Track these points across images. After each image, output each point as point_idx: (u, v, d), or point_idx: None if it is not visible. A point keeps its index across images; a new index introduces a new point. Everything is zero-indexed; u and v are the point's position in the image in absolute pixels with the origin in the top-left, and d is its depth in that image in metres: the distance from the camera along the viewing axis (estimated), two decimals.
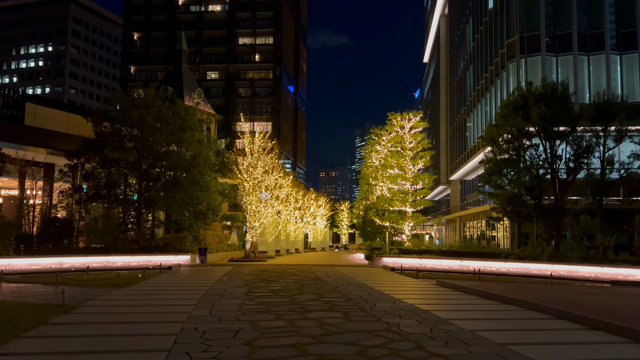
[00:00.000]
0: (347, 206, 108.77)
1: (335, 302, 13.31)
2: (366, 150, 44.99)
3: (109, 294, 14.86)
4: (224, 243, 41.63)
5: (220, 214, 34.71)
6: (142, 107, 28.24)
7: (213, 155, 32.82)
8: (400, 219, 33.11)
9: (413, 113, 35.94)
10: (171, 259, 28.53)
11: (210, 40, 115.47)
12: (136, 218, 30.52)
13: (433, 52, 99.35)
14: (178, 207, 30.18)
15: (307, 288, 16.63)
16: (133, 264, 26.85)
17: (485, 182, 31.95)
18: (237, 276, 21.24)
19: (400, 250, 30.93)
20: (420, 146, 34.82)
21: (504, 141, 30.40)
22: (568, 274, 25.24)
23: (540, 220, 28.45)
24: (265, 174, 35.38)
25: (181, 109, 29.69)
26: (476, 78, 55.53)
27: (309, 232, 70.33)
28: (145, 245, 29.60)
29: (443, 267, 28.31)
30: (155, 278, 20.24)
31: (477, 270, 23.71)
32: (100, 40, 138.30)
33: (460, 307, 13.23)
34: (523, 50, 41.06)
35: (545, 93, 27.99)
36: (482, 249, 33.07)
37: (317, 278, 20.64)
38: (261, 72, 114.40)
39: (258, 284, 17.70)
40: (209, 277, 21.17)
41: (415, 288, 17.71)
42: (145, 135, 28.58)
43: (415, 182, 33.97)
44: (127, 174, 30.17)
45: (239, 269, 25.58)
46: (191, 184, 29.63)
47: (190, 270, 24.70)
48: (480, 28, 52.88)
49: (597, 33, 40.39)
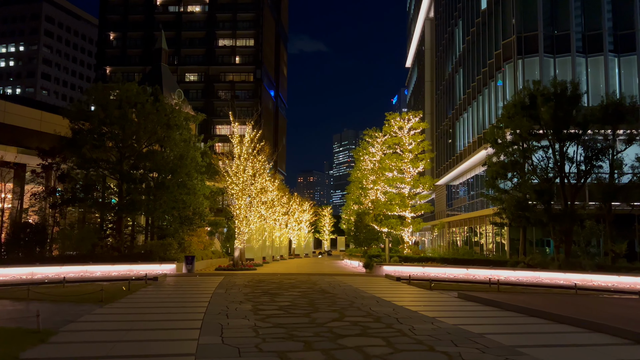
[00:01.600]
0: (329, 211, 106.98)
1: (363, 322, 11.34)
2: (359, 152, 43.18)
3: (91, 313, 12.62)
4: (208, 250, 39.31)
5: (207, 219, 32.38)
6: (124, 102, 25.88)
7: (199, 156, 30.56)
8: (399, 225, 31.30)
9: (413, 113, 34.23)
10: (155, 268, 26.17)
11: (190, 42, 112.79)
12: (116, 223, 28.07)
13: (417, 57, 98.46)
14: (163, 211, 27.83)
15: (319, 303, 14.62)
16: (114, 274, 24.44)
17: (488, 186, 30.40)
18: (233, 288, 19.09)
19: (401, 258, 29.11)
20: (420, 148, 33.07)
21: (509, 143, 28.92)
22: (582, 284, 23.76)
23: (550, 226, 26.95)
24: (253, 178, 33.23)
25: (167, 106, 27.42)
26: (466, 81, 54.32)
27: (293, 238, 68.23)
28: (126, 253, 27.19)
29: (448, 275, 26.60)
30: (142, 291, 17.98)
31: (493, 280, 22.04)
32: (74, 41, 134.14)
33: (510, 327, 11.39)
34: (520, 51, 39.84)
35: (555, 92, 26.57)
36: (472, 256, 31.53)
37: (323, 290, 18.64)
38: (241, 75, 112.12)
39: (261, 299, 15.61)
40: (202, 289, 18.98)
41: (440, 303, 15.85)
42: (127, 133, 26.21)
43: (415, 185, 32.19)
44: (107, 175, 27.71)
45: (231, 280, 23.39)
46: (177, 186, 27.33)
47: (179, 281, 22.43)
48: (472, 30, 51.71)
49: (595, 34, 39.44)
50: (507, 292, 19.19)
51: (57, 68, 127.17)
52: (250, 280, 23.29)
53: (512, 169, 27.49)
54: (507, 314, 13.11)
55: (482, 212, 42.34)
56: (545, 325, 11.43)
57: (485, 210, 41.36)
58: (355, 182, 43.79)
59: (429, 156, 33.73)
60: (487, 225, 41.41)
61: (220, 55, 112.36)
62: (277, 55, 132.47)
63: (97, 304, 14.22)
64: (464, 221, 49.78)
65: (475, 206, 47.86)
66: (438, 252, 31.00)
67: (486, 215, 41.61)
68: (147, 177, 27.79)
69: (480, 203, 46.28)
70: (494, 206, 33.24)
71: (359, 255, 33.48)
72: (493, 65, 43.95)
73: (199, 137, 31.84)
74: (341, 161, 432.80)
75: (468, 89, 53.04)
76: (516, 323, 11.83)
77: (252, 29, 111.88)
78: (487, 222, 41.79)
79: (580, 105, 27.42)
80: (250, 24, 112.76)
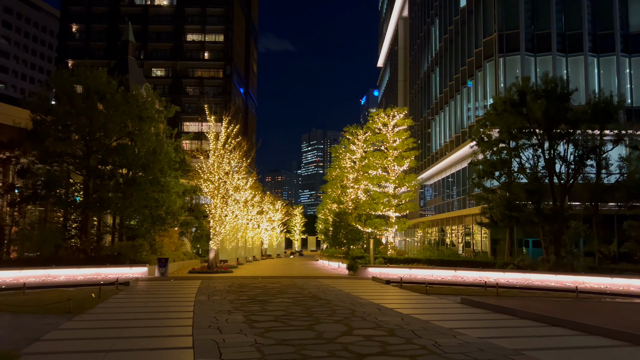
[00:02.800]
0: (300, 211, 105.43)
1: (378, 337, 9.97)
2: (338, 150, 41.79)
3: (59, 327, 10.86)
4: (179, 251, 37.33)
5: (180, 218, 30.43)
6: (92, 92, 23.81)
7: (173, 151, 28.67)
8: (384, 225, 30.10)
9: (397, 109, 33.07)
10: (126, 271, 24.20)
11: (157, 36, 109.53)
12: (82, 223, 25.93)
13: (389, 56, 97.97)
14: (134, 210, 25.82)
15: (317, 312, 13.19)
16: (80, 279, 22.39)
17: (475, 185, 29.52)
18: (216, 295, 17.45)
19: (385, 259, 27.92)
20: (405, 145, 31.92)
21: (496, 141, 28.10)
22: (575, 286, 23.05)
23: (539, 227, 26.20)
24: (228, 175, 31.42)
25: (139, 96, 25.45)
26: (443, 80, 53.76)
27: (265, 239, 66.49)
28: (93, 255, 25.12)
29: (436, 278, 25.53)
30: (114, 298, 16.16)
31: (490, 283, 21.07)
32: (34, 33, 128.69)
33: (543, 341, 10.18)
34: (502, 48, 39.30)
35: (546, 89, 25.83)
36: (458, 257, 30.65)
37: (315, 296, 17.20)
38: (210, 71, 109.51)
39: (251, 307, 14.06)
40: (182, 296, 17.28)
41: (447, 310, 14.61)
42: (95, 125, 24.12)
43: (400, 184, 31.03)
44: (72, 170, 25.55)
45: (210, 284, 21.69)
46: (150, 183, 25.38)
47: (153, 286, 20.60)
48: (450, 28, 51.13)
49: (575, 34, 39.25)
50: (507, 297, 18.16)
51: (16, 61, 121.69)
52: (230, 284, 21.64)
53: (501, 168, 26.63)
54: (527, 324, 11.95)
55: (460, 212, 41.65)
56: (580, 338, 10.31)
57: (465, 210, 40.67)
58: (334, 181, 42.43)
59: (414, 154, 32.65)
60: (467, 226, 40.72)
61: (188, 50, 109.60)
62: (247, 52, 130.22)
63: (64, 315, 12.44)
64: (440, 221, 49.07)
65: (452, 206, 47.23)
66: (424, 253, 29.95)
67: (465, 215, 40.94)
68: (116, 173, 25.77)
69: (458, 202, 45.66)
70: (478, 205, 32.47)
71: (340, 257, 32.15)
72: (473, 64, 43.35)
73: (172, 131, 29.87)
74: (309, 161, 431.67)
75: (445, 87, 52.43)
76: (545, 335, 10.66)
77: (222, 24, 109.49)
78: (465, 222, 41.12)
79: (571, 103, 26.82)
80: (220, 19, 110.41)
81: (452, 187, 47.85)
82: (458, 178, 46.51)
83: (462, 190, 44.76)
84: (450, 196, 47.69)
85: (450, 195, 47.73)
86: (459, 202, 45.36)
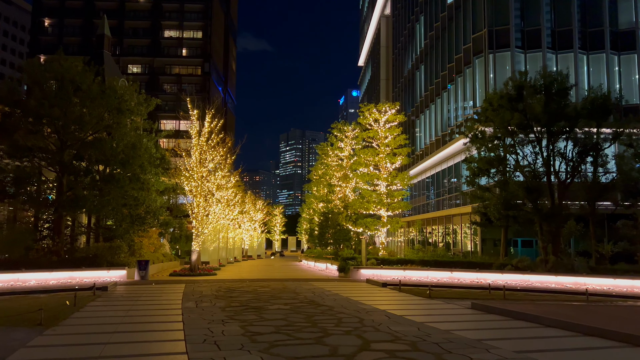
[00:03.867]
0: (280, 211, 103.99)
1: (402, 352, 8.69)
2: (325, 147, 40.40)
3: (28, 345, 9.30)
4: (159, 253, 35.60)
5: (161, 218, 28.71)
6: (66, 81, 22.04)
7: (153, 147, 26.99)
8: (376, 224, 28.90)
9: (389, 105, 31.85)
10: (103, 275, 22.49)
11: (133, 32, 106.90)
12: (55, 223, 24.10)
13: (370, 55, 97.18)
14: (111, 209, 24.08)
15: (321, 321, 11.87)
16: (52, 283, 20.66)
17: (468, 183, 28.57)
18: (204, 301, 15.98)
19: (378, 261, 26.71)
20: (397, 142, 30.74)
21: (491, 137, 27.17)
22: (576, 287, 22.21)
23: (537, 226, 25.32)
24: (212, 173, 29.82)
25: (117, 87, 23.74)
26: (429, 77, 52.94)
27: (246, 239, 64.83)
28: (67, 257, 23.35)
29: (431, 279, 24.45)
30: (91, 306, 14.57)
31: (495, 285, 20.04)
32: (4, 27, 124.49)
33: (591, 355, 9.04)
34: (492, 45, 38.54)
35: (545, 84, 24.96)
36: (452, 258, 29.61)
37: (312, 301, 15.85)
38: (189, 68, 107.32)
39: (246, 316, 12.66)
40: (166, 302, 15.76)
41: (461, 317, 13.42)
42: (70, 117, 22.33)
43: (392, 182, 29.86)
44: (44, 166, 23.71)
45: (195, 288, 20.16)
46: (129, 180, 23.69)
47: (133, 291, 19.00)
48: (436, 25, 50.30)
49: (565, 31, 38.71)
50: (515, 300, 17.11)
51: None
52: (217, 288, 20.15)
53: (497, 165, 25.67)
54: (558, 333, 10.80)
55: (448, 212, 40.76)
56: (631, 351, 9.21)
57: (453, 209, 39.77)
58: (320, 179, 41.04)
59: (406, 151, 31.50)
60: (454, 225, 39.83)
61: (166, 46, 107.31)
62: (226, 50, 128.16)
63: (35, 327, 10.87)
64: (425, 221, 48.12)
65: (440, 205, 46.31)
66: (416, 254, 28.81)
67: (453, 215, 40.05)
68: (92, 170, 24.02)
69: (444, 202, 44.78)
70: (471, 204, 31.54)
71: (329, 257, 30.81)
72: (461, 60, 42.54)
73: (152, 125, 28.13)
74: (288, 161, 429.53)
75: (431, 85, 51.59)
76: (588, 347, 9.50)
77: (201, 20, 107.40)
78: (453, 221, 40.24)
79: (569, 99, 26.04)
80: (199, 16, 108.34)
81: (439, 186, 46.95)
82: (444, 177, 45.70)
83: (448, 189, 43.92)
84: (438, 195, 46.78)
85: (439, 194, 46.82)
86: (445, 201, 44.52)
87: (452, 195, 42.44)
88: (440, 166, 47.00)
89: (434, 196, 48.47)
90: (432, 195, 49.17)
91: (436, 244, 43.13)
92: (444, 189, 45.15)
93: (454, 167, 43.60)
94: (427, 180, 51.85)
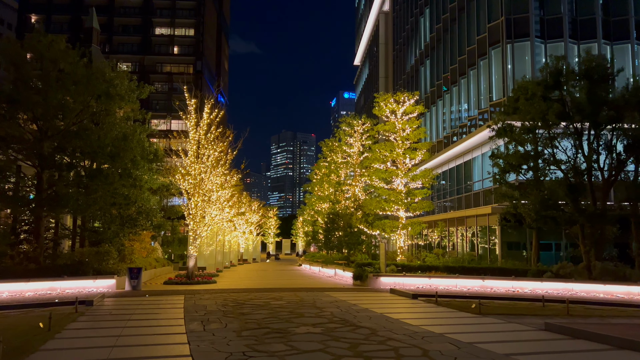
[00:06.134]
0: (274, 212, 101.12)
1: None
2: (331, 143, 37.41)
3: None
4: (151, 257, 32.59)
5: (155, 219, 25.62)
6: (47, 62, 19.03)
7: (147, 139, 24.01)
8: (394, 227, 26.08)
9: (408, 94, 29.06)
10: (88, 285, 19.47)
11: (123, 29, 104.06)
12: (34, 224, 21.03)
13: (367, 54, 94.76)
14: (99, 209, 21.02)
15: (375, 355, 9.03)
16: (29, 295, 17.63)
17: (496, 181, 25.87)
18: (212, 320, 13.05)
19: (398, 267, 23.89)
20: (417, 135, 27.89)
21: (524, 130, 24.47)
22: (629, 298, 19.57)
23: (578, 228, 22.64)
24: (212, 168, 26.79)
25: (106, 69, 20.75)
26: (435, 72, 50.36)
27: (241, 242, 61.80)
28: (47, 264, 20.29)
29: (460, 288, 21.72)
30: (71, 329, 11.60)
31: (552, 297, 17.28)
32: None
33: None
34: (510, 34, 35.96)
35: (588, 70, 22.30)
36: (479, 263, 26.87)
37: (345, 320, 12.98)
38: (180, 66, 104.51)
39: (273, 345, 9.75)
40: (165, 322, 12.82)
41: (551, 346, 10.63)
42: (51, 103, 19.27)
43: (414, 179, 27.04)
44: (21, 159, 20.66)
45: (197, 302, 17.21)
46: (120, 176, 20.67)
47: (124, 306, 16.01)
48: (443, 16, 47.72)
49: (588, 20, 36.28)
50: (581, 316, 14.39)
51: None
52: (223, 302, 17.21)
53: (535, 160, 22.96)
54: None
55: (463, 213, 38.02)
56: None
57: (469, 210, 37.04)
58: (324, 178, 38.06)
59: (427, 145, 28.69)
60: (469, 227, 37.13)
61: (157, 44, 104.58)
62: (218, 48, 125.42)
63: None
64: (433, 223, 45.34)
65: (454, 205, 43.57)
66: (439, 259, 26.00)
67: (467, 216, 37.40)
68: (77, 164, 20.99)
69: (457, 202, 42.07)
70: (496, 203, 28.86)
71: (340, 263, 27.90)
72: (474, 52, 39.95)
73: (144, 115, 25.06)
74: (279, 163, 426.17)
75: (438, 80, 49.01)
76: None
77: (193, 17, 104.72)
78: (467, 223, 37.55)
79: (615, 86, 23.47)
80: (191, 13, 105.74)
81: (451, 185, 44.23)
82: (452, 175, 43.04)
83: (460, 189, 41.24)
84: (451, 194, 43.99)
85: (451, 193, 44.05)
86: (456, 201, 41.83)
87: (462, 196, 39.75)
88: (448, 165, 44.35)
89: (446, 196, 45.69)
90: (444, 195, 46.36)
91: (444, 247, 40.38)
92: (455, 189, 42.42)
93: (463, 165, 41.00)
94: (440, 177, 49.11)
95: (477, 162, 38.23)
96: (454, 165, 43.06)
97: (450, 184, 44.00)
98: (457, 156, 41.96)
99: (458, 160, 42.21)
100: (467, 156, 40.09)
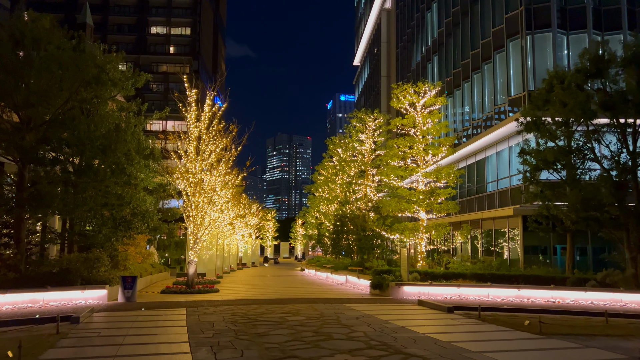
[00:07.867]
0: (273, 215, 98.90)
1: None
2: (336, 142, 34.98)
3: None
4: (146, 263, 30.17)
5: (152, 222, 23.15)
6: (29, 41, 16.64)
7: (142, 133, 21.60)
8: (416, 229, 23.73)
9: (429, 85, 26.76)
10: (76, 296, 17.00)
11: (118, 28, 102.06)
12: (14, 227, 18.56)
13: (368, 53, 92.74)
14: (88, 209, 18.56)
15: None
16: (5, 310, 15.15)
17: (526, 180, 23.61)
18: (223, 344, 10.66)
19: (421, 274, 21.55)
20: (438, 130, 25.54)
21: (560, 123, 22.24)
22: None
23: (623, 231, 20.38)
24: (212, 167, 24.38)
25: (97, 51, 18.37)
26: (444, 69, 48.15)
27: (241, 246, 59.37)
28: (30, 272, 17.83)
29: (494, 299, 19.40)
30: (49, 356, 9.20)
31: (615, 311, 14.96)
32: None
33: None
34: (529, 25, 33.74)
35: (635, 55, 20.05)
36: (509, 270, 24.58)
37: (385, 345, 10.62)
38: (176, 66, 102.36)
39: None
40: (165, 347, 10.42)
41: None
42: (34, 88, 16.85)
43: (438, 177, 24.70)
44: (0, 154, 18.20)
45: (201, 317, 14.78)
46: (112, 172, 18.25)
47: (117, 324, 13.56)
48: (454, 9, 45.56)
49: (613, 10, 34.16)
50: None
51: None
52: (231, 316, 14.79)
53: (578, 156, 20.70)
54: None
55: (482, 214, 35.71)
56: None
57: (489, 212, 34.71)
58: (330, 178, 35.64)
59: (451, 140, 26.34)
60: (485, 229, 34.82)
61: (152, 44, 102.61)
62: (215, 48, 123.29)
63: None
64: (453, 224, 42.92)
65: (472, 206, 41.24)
66: (465, 266, 23.67)
67: (483, 219, 35.11)
68: (64, 158, 18.55)
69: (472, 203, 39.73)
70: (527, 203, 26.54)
71: (355, 270, 25.51)
72: (490, 45, 37.73)
73: (140, 105, 22.61)
74: (275, 165, 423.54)
75: (447, 77, 46.80)
76: None
77: (189, 16, 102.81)
78: (483, 225, 35.26)
79: None
80: (187, 12, 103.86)
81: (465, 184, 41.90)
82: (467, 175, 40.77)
83: (473, 189, 38.95)
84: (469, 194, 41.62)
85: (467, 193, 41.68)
86: (476, 201, 39.52)
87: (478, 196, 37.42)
88: (460, 164, 42.07)
89: (463, 196, 43.34)
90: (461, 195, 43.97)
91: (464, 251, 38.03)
92: (470, 188, 40.08)
93: (475, 165, 38.78)
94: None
95: (490, 161, 36.02)
96: (465, 164, 40.81)
97: (475, 182, 41.65)
98: (470, 155, 39.70)
99: (469, 160, 39.98)
100: (479, 155, 37.88)
